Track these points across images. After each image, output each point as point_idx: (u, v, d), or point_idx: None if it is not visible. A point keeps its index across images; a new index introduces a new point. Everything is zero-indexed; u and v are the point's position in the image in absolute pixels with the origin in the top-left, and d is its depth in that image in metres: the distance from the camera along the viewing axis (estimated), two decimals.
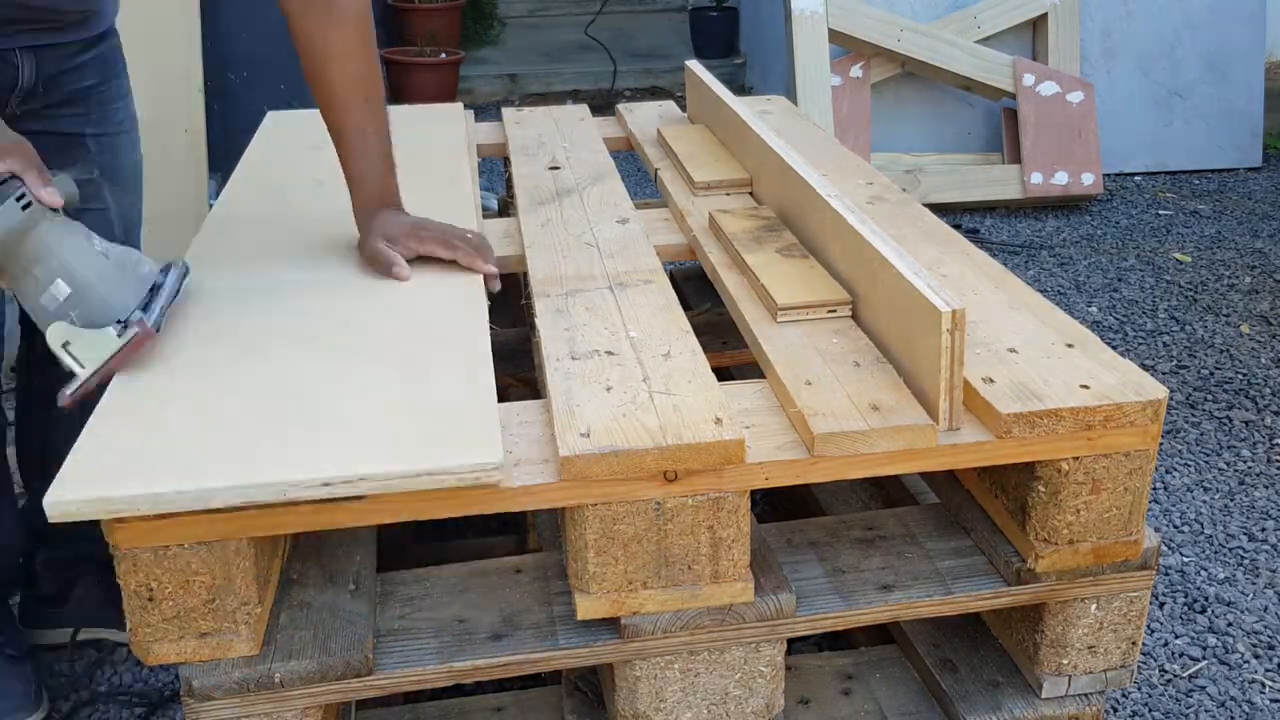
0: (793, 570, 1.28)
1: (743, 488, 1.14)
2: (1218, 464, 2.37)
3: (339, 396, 1.16)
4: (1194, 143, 4.23)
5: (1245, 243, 3.59)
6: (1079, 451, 1.17)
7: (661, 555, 1.14)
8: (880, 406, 1.18)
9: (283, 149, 1.98)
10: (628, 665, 1.19)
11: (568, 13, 6.64)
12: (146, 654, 1.10)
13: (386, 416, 1.12)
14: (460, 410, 1.13)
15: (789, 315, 1.38)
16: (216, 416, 1.13)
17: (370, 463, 1.05)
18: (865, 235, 1.34)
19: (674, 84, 5.62)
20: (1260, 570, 2.03)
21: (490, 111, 4.96)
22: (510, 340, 1.97)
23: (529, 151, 2.10)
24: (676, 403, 1.18)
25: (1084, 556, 1.22)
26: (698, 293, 2.17)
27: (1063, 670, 1.29)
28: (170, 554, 1.06)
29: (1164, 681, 1.78)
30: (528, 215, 1.75)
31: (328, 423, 1.11)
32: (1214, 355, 2.85)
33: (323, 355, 1.24)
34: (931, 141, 4.06)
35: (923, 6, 3.99)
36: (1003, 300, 1.41)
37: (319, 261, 1.49)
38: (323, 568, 1.27)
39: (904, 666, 1.43)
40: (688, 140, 2.06)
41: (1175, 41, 4.14)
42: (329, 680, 1.13)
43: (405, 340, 1.28)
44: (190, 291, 1.35)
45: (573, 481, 1.10)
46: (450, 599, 1.26)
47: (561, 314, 1.41)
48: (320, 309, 1.35)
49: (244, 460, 1.06)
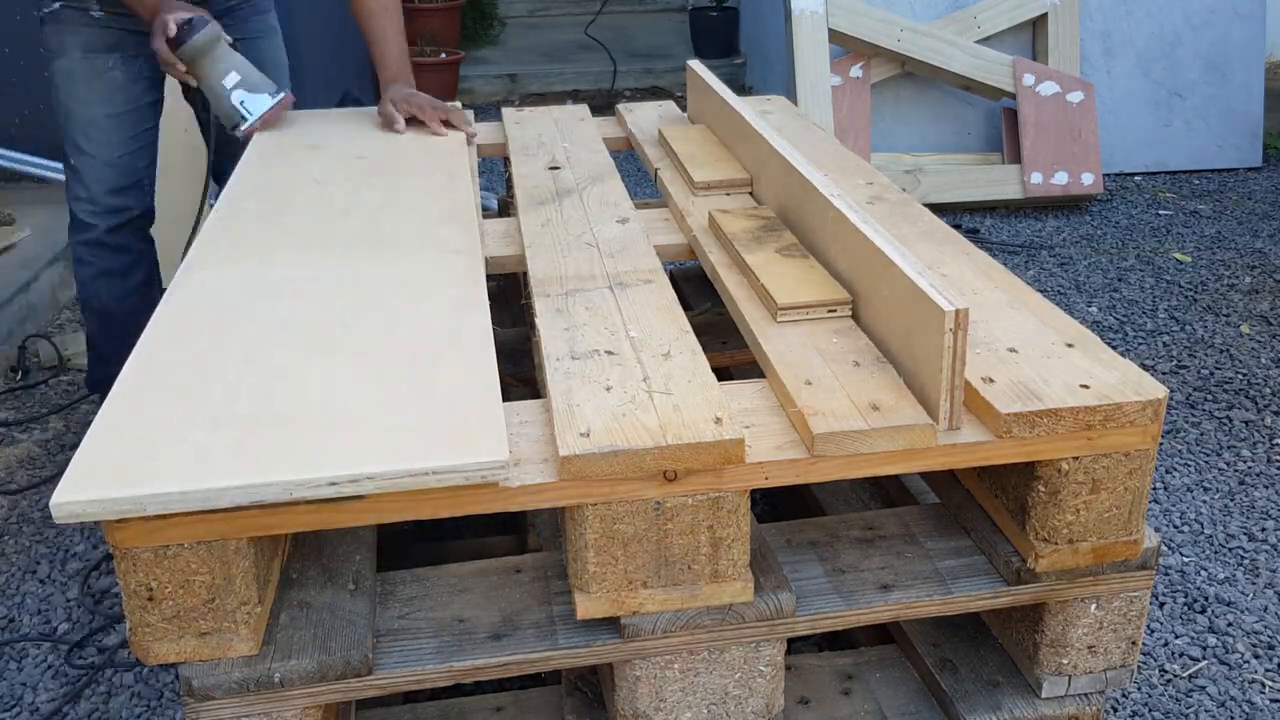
0: (793, 570, 1.28)
1: (743, 487, 1.14)
2: (1218, 464, 2.37)
3: (342, 396, 1.16)
4: (1194, 143, 4.23)
5: (1245, 243, 3.59)
6: (1079, 451, 1.17)
7: (661, 555, 1.14)
8: (880, 406, 1.18)
9: (283, 149, 1.98)
10: (628, 665, 1.19)
11: (568, 13, 6.65)
12: (146, 654, 1.10)
13: (390, 415, 1.12)
14: (465, 408, 1.13)
15: (789, 315, 1.38)
16: (220, 416, 1.13)
17: (375, 462, 1.05)
18: (868, 234, 1.34)
19: (674, 84, 5.62)
20: (1260, 570, 2.03)
21: (490, 111, 4.97)
22: (510, 340, 1.97)
23: (529, 151, 2.10)
24: (676, 402, 1.18)
25: (1084, 556, 1.22)
26: (698, 293, 2.17)
27: (1063, 670, 1.29)
28: (170, 554, 1.06)
29: (1164, 681, 1.78)
30: (528, 215, 1.75)
31: (331, 422, 1.11)
32: (1214, 355, 2.85)
33: (324, 354, 1.24)
34: (931, 141, 4.06)
35: (923, 6, 3.99)
36: (1003, 300, 1.41)
37: (319, 260, 1.49)
38: (323, 568, 1.27)
39: (904, 666, 1.43)
40: (688, 140, 2.06)
41: (1175, 41, 4.14)
42: (329, 680, 1.13)
43: (408, 338, 1.28)
44: None
45: (573, 481, 1.10)
46: (450, 599, 1.26)
47: (561, 314, 1.41)
48: (321, 308, 1.35)
49: (249, 460, 1.06)
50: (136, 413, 1.14)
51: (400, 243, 1.54)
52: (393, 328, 1.30)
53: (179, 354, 1.25)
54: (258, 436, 1.09)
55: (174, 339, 1.28)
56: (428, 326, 1.31)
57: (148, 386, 1.19)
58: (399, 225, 1.61)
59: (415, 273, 1.45)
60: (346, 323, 1.32)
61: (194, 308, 1.36)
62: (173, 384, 1.19)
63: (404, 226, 1.61)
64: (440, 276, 1.44)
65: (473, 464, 1.06)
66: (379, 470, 1.04)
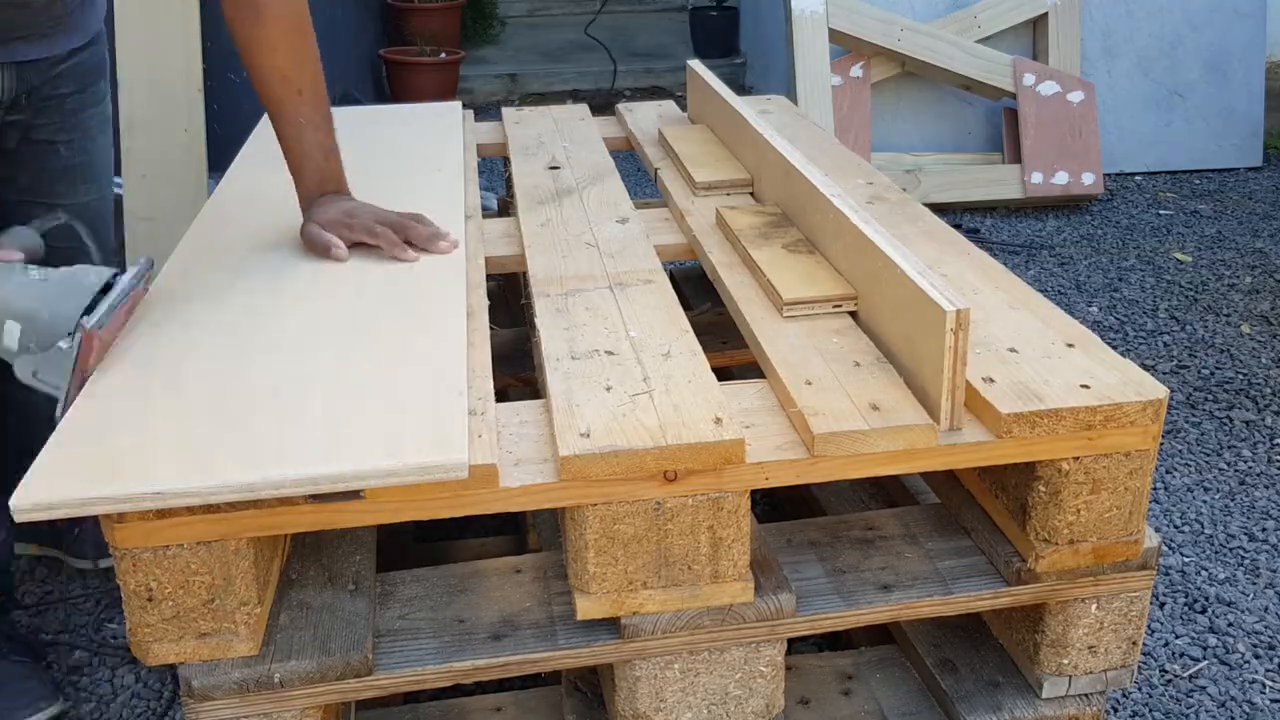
0: (793, 570, 1.28)
1: (743, 488, 1.14)
2: (1218, 464, 2.37)
3: (318, 394, 1.15)
4: (1194, 142, 4.22)
5: (1246, 242, 3.59)
6: (1079, 451, 1.17)
7: (661, 555, 1.14)
8: (880, 406, 1.18)
9: (279, 148, 1.97)
10: (628, 665, 1.19)
11: (568, 13, 6.65)
12: (146, 654, 1.10)
13: (371, 413, 1.11)
14: (428, 408, 1.13)
15: (795, 310, 1.38)
16: (185, 414, 1.12)
17: (321, 463, 1.04)
18: (868, 234, 1.34)
19: (674, 84, 5.62)
20: (1261, 570, 2.03)
21: (490, 111, 4.96)
22: (510, 340, 1.96)
23: (529, 151, 2.10)
24: (676, 402, 1.18)
25: (1084, 556, 1.22)
26: (698, 293, 2.17)
27: (1063, 670, 1.29)
28: (170, 554, 1.06)
29: (1164, 682, 1.78)
30: (527, 215, 1.75)
31: (308, 420, 1.11)
32: (1214, 355, 2.85)
33: (277, 352, 1.24)
34: (931, 141, 4.06)
35: (923, 6, 3.99)
36: (1003, 300, 1.41)
37: (308, 260, 1.48)
38: (323, 568, 1.27)
39: (904, 666, 1.43)
40: (688, 140, 2.06)
41: (1176, 41, 4.14)
42: (329, 680, 1.13)
43: (396, 337, 1.27)
44: (166, 283, 1.39)
45: (573, 481, 1.10)
46: (450, 599, 1.25)
47: (561, 314, 1.40)
48: (310, 307, 1.35)
49: (204, 459, 1.05)
50: (97, 414, 1.13)
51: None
52: (385, 326, 1.30)
53: (155, 351, 1.25)
54: (220, 434, 1.08)
55: (151, 336, 1.28)
56: (423, 324, 1.30)
57: (115, 387, 1.18)
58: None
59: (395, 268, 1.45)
60: (332, 321, 1.31)
61: (177, 306, 1.35)
62: (137, 383, 1.18)
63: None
64: (426, 272, 1.44)
65: (431, 464, 1.04)
66: (323, 472, 1.03)
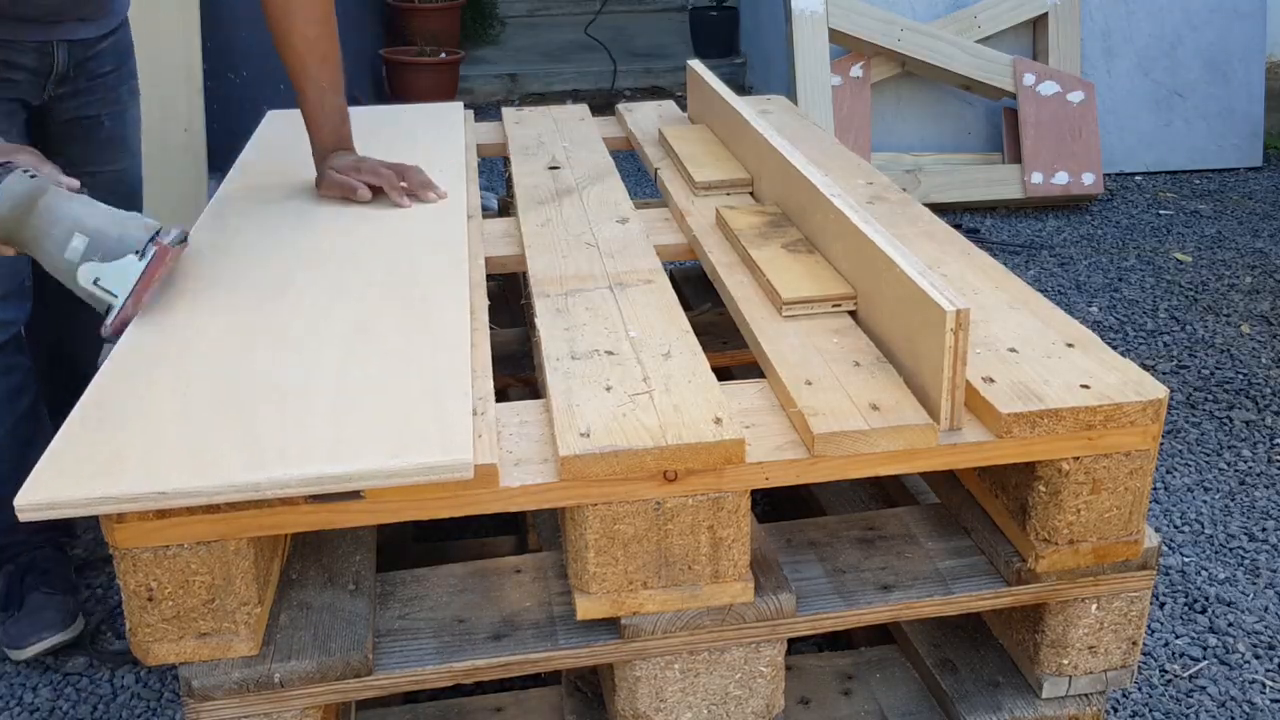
0: (793, 570, 1.28)
1: (743, 488, 1.14)
2: (1218, 464, 2.37)
3: (321, 394, 1.15)
4: (1194, 142, 4.22)
5: (1246, 242, 3.59)
6: (1079, 451, 1.17)
7: (661, 555, 1.14)
8: (880, 406, 1.18)
9: (279, 147, 1.98)
10: (628, 665, 1.19)
11: (568, 13, 6.64)
12: (146, 654, 1.10)
13: (375, 412, 1.12)
14: (432, 408, 1.13)
15: (794, 310, 1.38)
16: (187, 414, 1.12)
17: (328, 462, 1.04)
18: (868, 234, 1.34)
19: (674, 84, 5.62)
20: (1261, 570, 2.03)
21: (490, 111, 4.96)
22: (510, 340, 1.97)
23: (529, 151, 2.10)
24: (676, 402, 1.18)
25: (1084, 556, 1.22)
26: (698, 293, 2.17)
27: (1063, 670, 1.29)
28: (170, 554, 1.06)
29: (1164, 682, 1.78)
30: (527, 215, 1.75)
31: (311, 420, 1.11)
32: (1214, 355, 2.85)
33: (306, 351, 1.24)
34: (931, 141, 4.06)
35: (923, 6, 3.99)
36: (1003, 300, 1.41)
37: (311, 259, 1.48)
38: (323, 568, 1.27)
39: (904, 666, 1.43)
40: (688, 140, 2.06)
41: (1175, 41, 4.14)
42: (328, 680, 1.13)
43: (400, 337, 1.27)
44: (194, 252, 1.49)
45: (573, 481, 1.10)
46: (450, 599, 1.25)
47: (561, 314, 1.40)
48: (309, 305, 1.35)
49: (208, 459, 1.05)
50: (105, 411, 1.13)
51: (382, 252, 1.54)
52: (384, 325, 1.30)
53: (156, 349, 1.25)
54: (218, 435, 1.09)
55: (149, 336, 1.28)
56: (422, 325, 1.30)
57: (118, 385, 1.18)
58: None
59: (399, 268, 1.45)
60: (332, 319, 1.31)
61: (178, 301, 1.35)
62: (141, 382, 1.19)
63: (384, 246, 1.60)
64: (430, 273, 1.44)
65: (440, 463, 1.05)
66: (328, 472, 1.03)
